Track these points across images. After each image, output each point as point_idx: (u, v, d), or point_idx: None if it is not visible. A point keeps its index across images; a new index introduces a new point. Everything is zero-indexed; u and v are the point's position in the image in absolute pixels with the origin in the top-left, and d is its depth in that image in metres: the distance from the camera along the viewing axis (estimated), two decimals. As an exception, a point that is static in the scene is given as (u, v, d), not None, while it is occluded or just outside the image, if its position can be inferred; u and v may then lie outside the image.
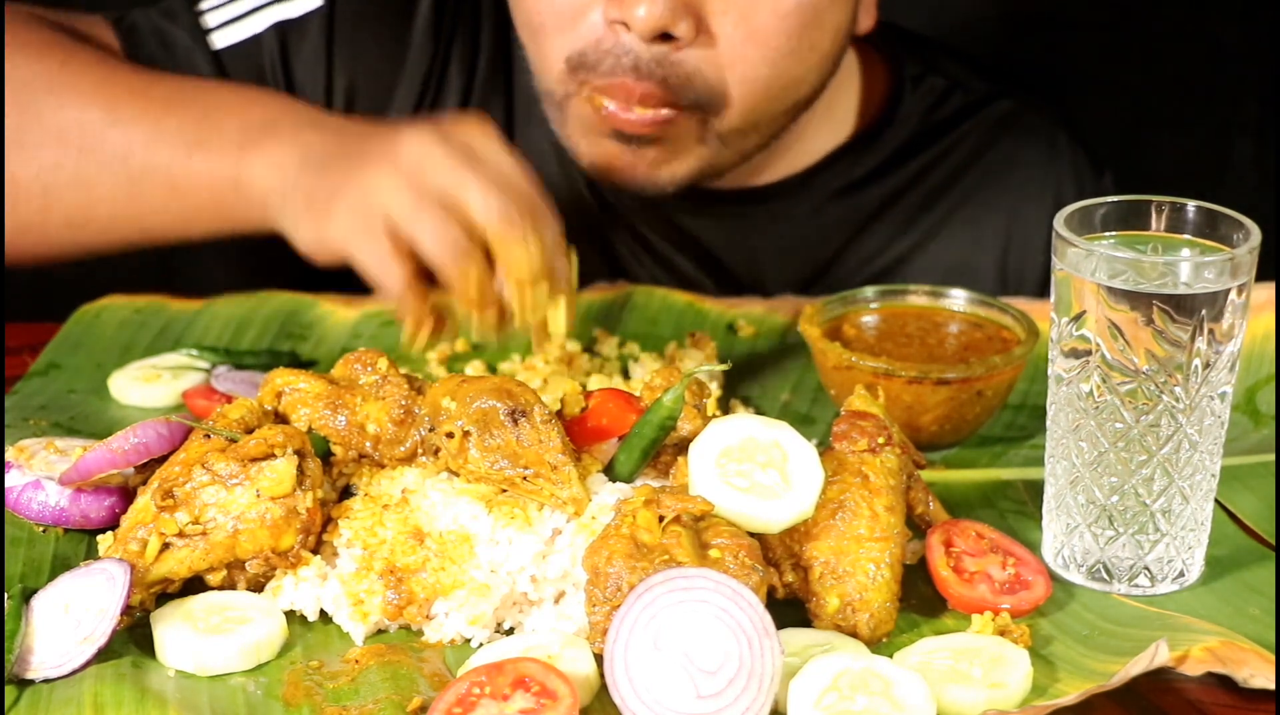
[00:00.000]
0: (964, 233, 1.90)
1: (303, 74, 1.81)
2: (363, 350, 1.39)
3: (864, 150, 1.88)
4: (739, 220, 1.87)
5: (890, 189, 1.89)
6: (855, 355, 1.51)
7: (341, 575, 1.29)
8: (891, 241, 1.90)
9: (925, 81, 1.91)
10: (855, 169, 1.88)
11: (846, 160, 1.88)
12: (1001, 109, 1.93)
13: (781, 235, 1.88)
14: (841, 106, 1.89)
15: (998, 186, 1.91)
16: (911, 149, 1.90)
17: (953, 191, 1.91)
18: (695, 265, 1.88)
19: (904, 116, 1.89)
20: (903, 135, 1.89)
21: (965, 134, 1.91)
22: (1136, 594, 1.32)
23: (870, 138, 1.88)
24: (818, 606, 1.27)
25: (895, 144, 1.89)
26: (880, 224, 1.90)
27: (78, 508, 1.36)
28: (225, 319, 1.73)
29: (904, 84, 1.90)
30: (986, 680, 1.20)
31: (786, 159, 1.86)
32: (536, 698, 1.15)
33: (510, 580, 1.28)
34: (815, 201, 1.87)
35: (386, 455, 1.34)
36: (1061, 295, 1.30)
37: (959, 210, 1.91)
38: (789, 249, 1.89)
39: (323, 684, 1.22)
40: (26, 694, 1.19)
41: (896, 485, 1.31)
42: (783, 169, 1.86)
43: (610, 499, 1.30)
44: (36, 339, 1.70)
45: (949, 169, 1.91)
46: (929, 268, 1.89)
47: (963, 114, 1.92)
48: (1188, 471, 1.30)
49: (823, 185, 1.87)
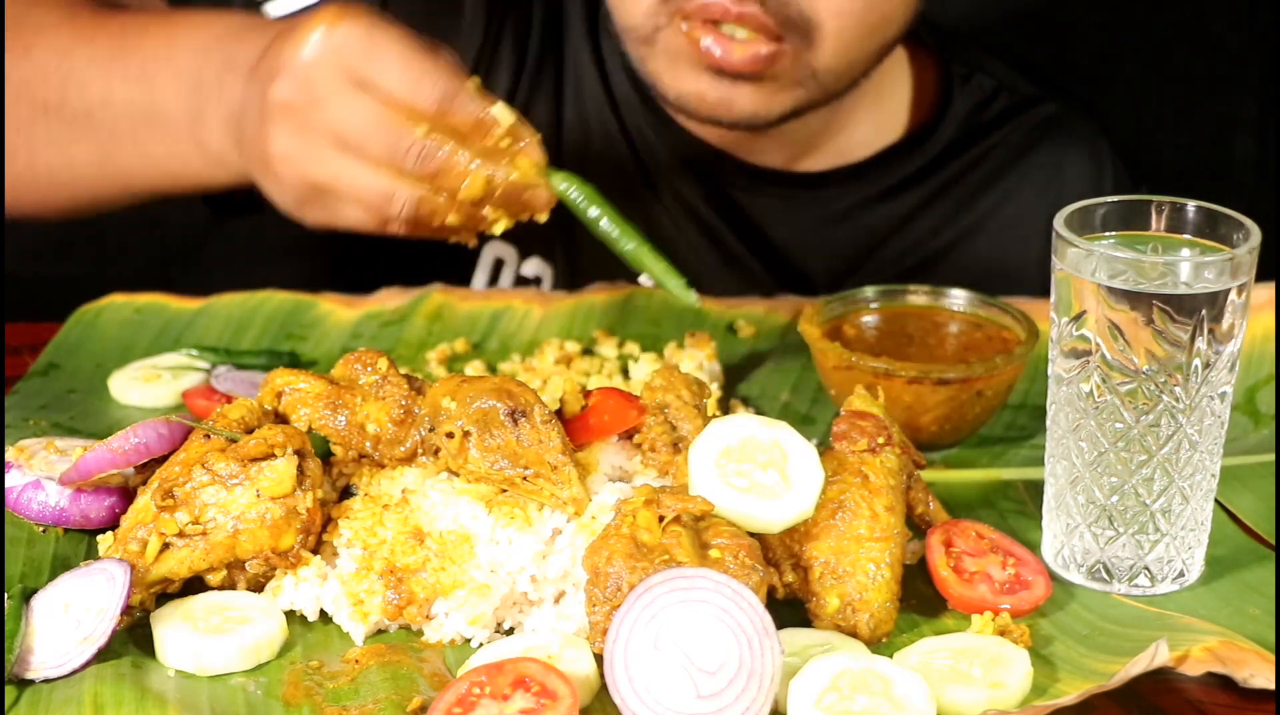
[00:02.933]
0: (1004, 232, 1.92)
1: None
2: (363, 350, 1.39)
3: (915, 148, 1.90)
4: (788, 202, 1.89)
5: (935, 185, 1.91)
6: (855, 355, 1.50)
7: (341, 575, 1.29)
8: (933, 236, 1.91)
9: (973, 81, 1.94)
10: (905, 166, 1.90)
11: (898, 157, 1.90)
12: (1046, 112, 1.95)
13: (827, 222, 1.90)
14: (894, 102, 1.91)
15: (1041, 188, 1.93)
16: (958, 147, 1.92)
17: (995, 190, 1.93)
18: (736, 237, 1.89)
19: (951, 115, 1.91)
20: (950, 134, 1.91)
21: (1009, 134, 1.93)
22: (1136, 594, 1.32)
23: (921, 137, 1.90)
24: (818, 606, 1.27)
25: (943, 143, 1.91)
26: (923, 218, 1.91)
27: (78, 508, 1.36)
28: (225, 319, 1.73)
29: (953, 83, 1.92)
30: (986, 680, 1.20)
31: (837, 148, 1.87)
32: (536, 698, 1.15)
33: (510, 580, 1.28)
34: (864, 194, 1.89)
35: (386, 455, 1.34)
36: (1061, 295, 1.30)
37: (1000, 210, 1.92)
38: (832, 236, 1.90)
39: (323, 684, 1.22)
40: (26, 694, 1.19)
41: (896, 485, 1.31)
42: (834, 158, 1.88)
43: (610, 499, 1.30)
44: (36, 339, 1.70)
45: (992, 168, 1.93)
46: (968, 264, 1.90)
47: (1008, 114, 1.94)
48: (1188, 471, 1.30)
49: (874, 179, 1.89)
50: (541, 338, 1.71)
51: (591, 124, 1.85)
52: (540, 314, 1.75)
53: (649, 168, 1.87)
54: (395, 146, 1.37)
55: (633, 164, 1.86)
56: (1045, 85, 1.99)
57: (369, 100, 1.37)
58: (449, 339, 1.70)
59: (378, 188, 1.39)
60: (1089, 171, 1.95)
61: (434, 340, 1.71)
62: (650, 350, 1.68)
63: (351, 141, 1.38)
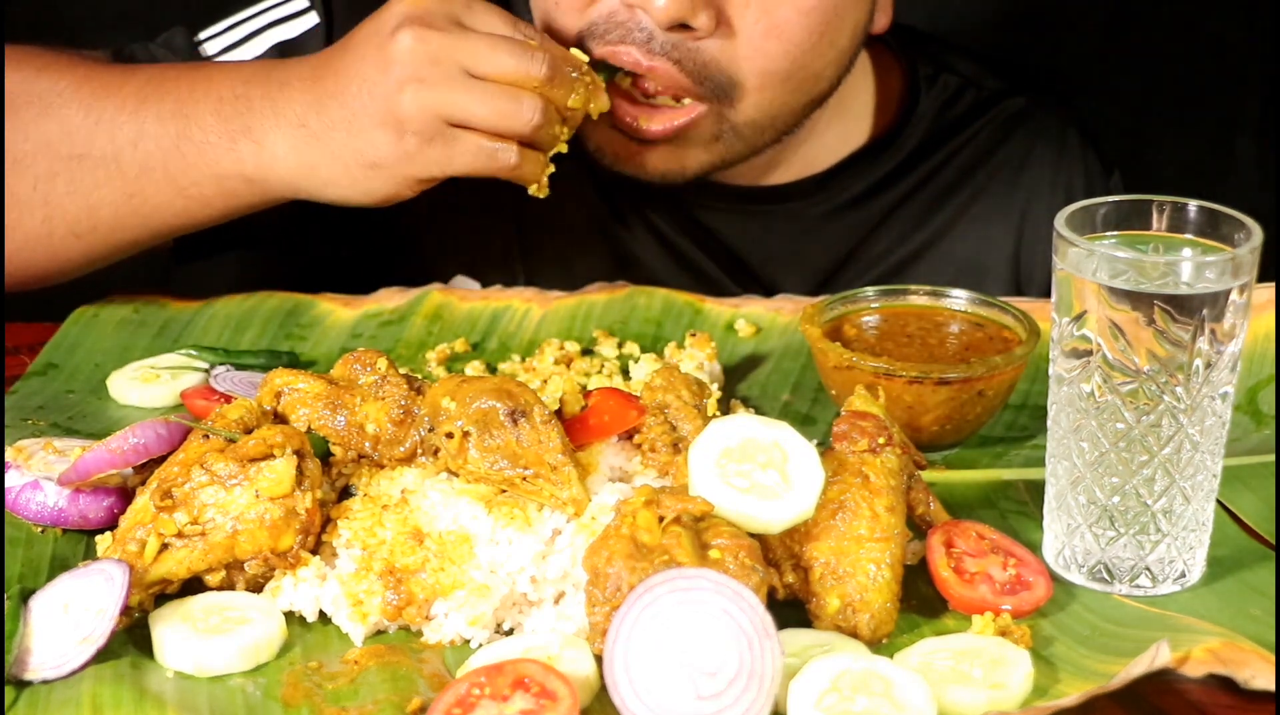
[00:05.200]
0: (975, 230, 1.91)
1: None
2: (362, 350, 1.39)
3: (881, 153, 1.88)
4: (756, 218, 1.87)
5: (904, 188, 1.90)
6: (856, 355, 1.50)
7: (341, 576, 1.29)
8: (904, 239, 1.90)
9: (939, 80, 1.92)
10: (873, 172, 1.88)
11: (864, 163, 1.88)
12: (1013, 106, 1.94)
13: (798, 234, 1.88)
14: (857, 108, 1.89)
15: (1009, 184, 1.92)
16: (926, 149, 1.90)
17: (964, 189, 1.91)
18: (710, 259, 1.88)
19: (919, 117, 1.89)
20: (918, 136, 1.90)
21: (977, 132, 1.92)
22: (1138, 595, 1.32)
23: (887, 141, 1.89)
24: (818, 607, 1.27)
25: (911, 145, 1.89)
26: (894, 222, 1.90)
27: (76, 508, 1.36)
28: (224, 319, 1.73)
29: (919, 85, 1.90)
30: (987, 681, 1.19)
31: (803, 158, 1.86)
32: (536, 698, 1.15)
33: (510, 581, 1.28)
34: (833, 203, 1.88)
35: (386, 455, 1.34)
36: (1062, 295, 1.30)
37: (970, 208, 1.91)
38: (804, 248, 1.89)
39: (322, 685, 1.22)
40: (25, 695, 1.19)
41: (897, 486, 1.31)
42: (799, 169, 1.87)
43: (610, 499, 1.30)
44: (35, 339, 1.70)
45: (961, 166, 1.91)
46: (941, 265, 1.89)
47: (975, 111, 1.92)
48: (1189, 472, 1.30)
49: (840, 188, 1.88)
50: (541, 338, 1.71)
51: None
52: (540, 314, 1.75)
53: (615, 197, 1.86)
54: (523, 58, 1.51)
55: (597, 194, 1.85)
56: (1013, 79, 1.98)
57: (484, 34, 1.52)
58: (448, 339, 1.70)
59: (506, 104, 1.51)
60: (1057, 165, 1.93)
61: (433, 340, 1.71)
62: (650, 350, 1.68)
63: (481, 67, 1.51)
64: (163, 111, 1.61)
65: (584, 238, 1.86)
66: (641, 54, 1.61)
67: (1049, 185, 1.92)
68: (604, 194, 1.86)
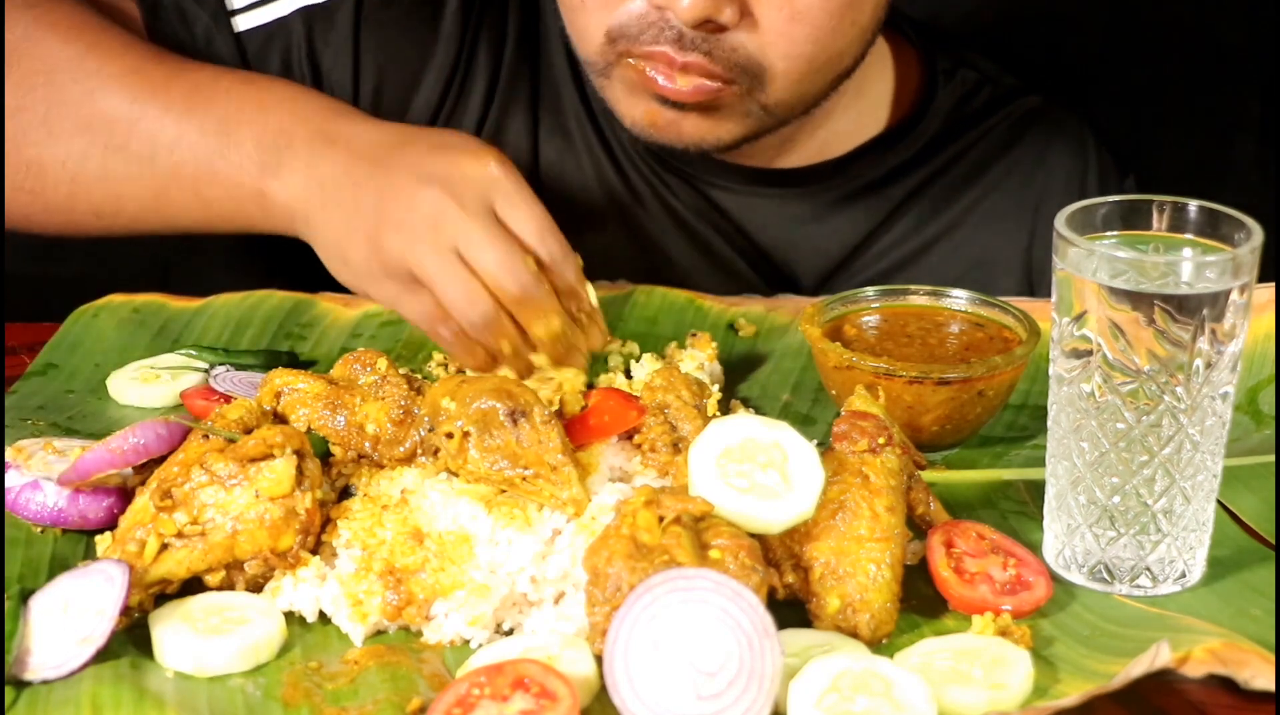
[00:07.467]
0: (988, 225, 1.91)
1: (329, 61, 1.81)
2: (362, 350, 1.39)
3: (897, 142, 1.89)
4: (770, 200, 1.88)
5: (918, 178, 1.91)
6: (856, 355, 1.50)
7: (340, 576, 1.28)
8: (916, 230, 1.91)
9: (956, 75, 1.93)
10: (888, 160, 1.90)
11: (879, 151, 1.89)
12: (1029, 104, 1.95)
13: (811, 218, 1.89)
14: (875, 96, 1.90)
15: (1023, 181, 1.92)
16: (941, 141, 1.91)
17: (978, 183, 1.92)
18: (724, 241, 1.89)
19: (935, 109, 1.91)
20: (934, 127, 1.91)
21: (993, 127, 1.93)
22: (1138, 595, 1.32)
23: (904, 130, 1.90)
24: (818, 607, 1.27)
25: (927, 136, 1.90)
26: (907, 212, 1.91)
27: (76, 508, 1.35)
28: (224, 319, 1.73)
29: (937, 78, 1.91)
30: (987, 681, 1.19)
31: (819, 143, 1.87)
32: (536, 699, 1.15)
33: (510, 581, 1.28)
34: (847, 188, 1.89)
35: (386, 455, 1.34)
36: (1063, 295, 1.30)
37: (984, 202, 1.92)
38: (817, 232, 1.90)
39: (322, 685, 1.22)
40: (25, 695, 1.19)
41: (897, 486, 1.31)
42: (815, 153, 1.88)
43: (610, 499, 1.30)
44: (35, 339, 1.69)
45: (975, 161, 1.92)
46: (952, 258, 1.90)
47: (991, 107, 1.93)
48: (1189, 472, 1.30)
49: (855, 173, 1.89)
50: (541, 338, 1.71)
51: (569, 132, 1.85)
52: (540, 314, 1.74)
53: (629, 174, 1.87)
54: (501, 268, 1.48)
55: (613, 170, 1.87)
56: (1030, 78, 1.99)
57: (501, 229, 1.49)
58: (448, 339, 1.70)
59: (460, 295, 1.48)
60: (1073, 164, 1.94)
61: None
62: (650, 350, 1.68)
63: (466, 254, 1.48)
64: (206, 125, 1.62)
65: (599, 218, 1.87)
66: (674, 51, 1.63)
67: (1064, 184, 1.93)
68: (617, 170, 1.87)
